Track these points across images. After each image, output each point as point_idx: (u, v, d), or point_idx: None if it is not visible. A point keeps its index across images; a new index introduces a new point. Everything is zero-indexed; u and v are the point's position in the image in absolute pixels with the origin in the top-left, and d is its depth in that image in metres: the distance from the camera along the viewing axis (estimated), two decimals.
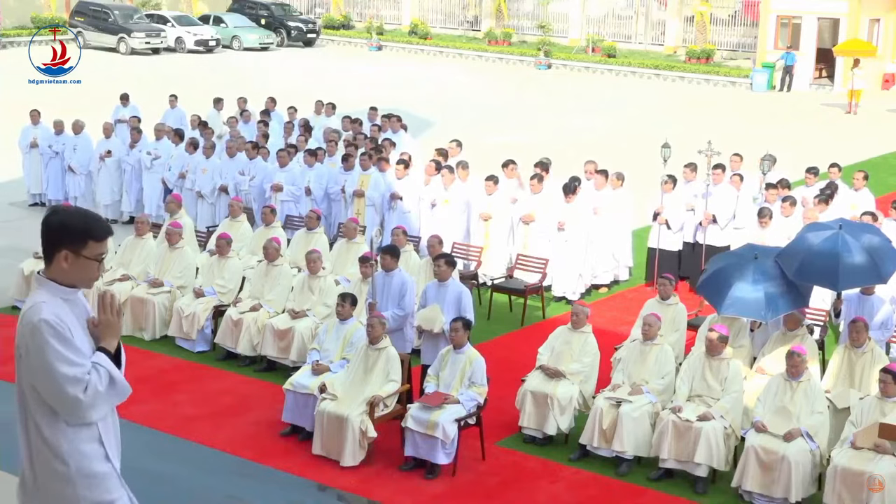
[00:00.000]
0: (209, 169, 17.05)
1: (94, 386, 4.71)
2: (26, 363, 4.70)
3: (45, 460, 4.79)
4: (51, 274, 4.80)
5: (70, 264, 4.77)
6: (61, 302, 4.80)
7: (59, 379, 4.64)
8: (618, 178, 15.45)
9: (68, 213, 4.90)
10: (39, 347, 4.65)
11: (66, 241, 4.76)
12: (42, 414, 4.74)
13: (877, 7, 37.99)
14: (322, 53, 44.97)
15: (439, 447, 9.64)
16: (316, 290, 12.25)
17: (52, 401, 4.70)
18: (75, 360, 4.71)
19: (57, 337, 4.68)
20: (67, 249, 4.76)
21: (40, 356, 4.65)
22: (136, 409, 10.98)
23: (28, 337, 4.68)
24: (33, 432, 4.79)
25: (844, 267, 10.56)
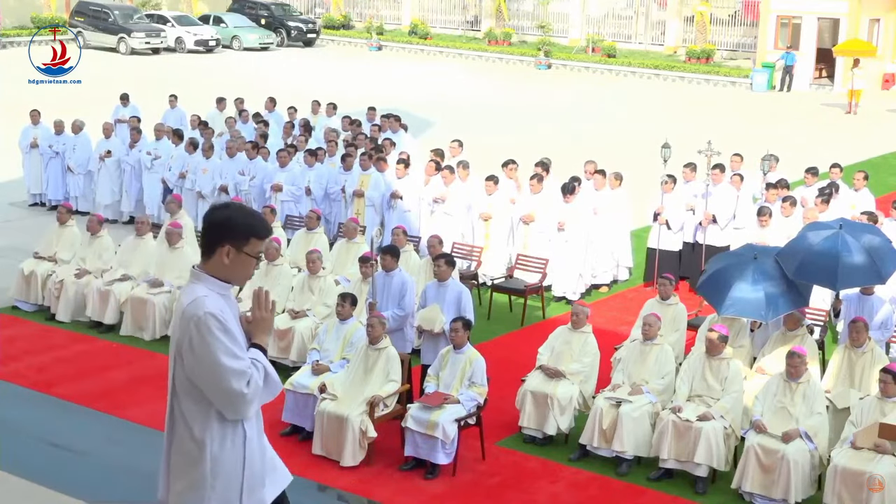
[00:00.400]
0: (209, 169, 17.05)
1: (255, 381, 4.72)
2: (189, 357, 4.67)
3: (187, 456, 4.79)
4: (209, 268, 4.82)
5: (231, 260, 4.80)
6: (218, 296, 4.81)
7: (225, 372, 4.63)
8: (616, 178, 15.46)
9: (234, 210, 4.92)
10: (205, 341, 4.63)
11: (229, 236, 4.78)
12: (194, 410, 4.73)
13: (877, 7, 38.00)
14: (322, 53, 44.97)
15: (439, 447, 9.64)
16: (316, 290, 12.25)
17: (215, 395, 4.68)
18: (240, 354, 4.71)
19: (222, 330, 4.69)
20: (230, 245, 4.78)
21: (206, 350, 4.63)
22: (137, 409, 11.01)
23: (193, 330, 4.65)
24: (180, 427, 4.78)
25: (843, 267, 10.56)
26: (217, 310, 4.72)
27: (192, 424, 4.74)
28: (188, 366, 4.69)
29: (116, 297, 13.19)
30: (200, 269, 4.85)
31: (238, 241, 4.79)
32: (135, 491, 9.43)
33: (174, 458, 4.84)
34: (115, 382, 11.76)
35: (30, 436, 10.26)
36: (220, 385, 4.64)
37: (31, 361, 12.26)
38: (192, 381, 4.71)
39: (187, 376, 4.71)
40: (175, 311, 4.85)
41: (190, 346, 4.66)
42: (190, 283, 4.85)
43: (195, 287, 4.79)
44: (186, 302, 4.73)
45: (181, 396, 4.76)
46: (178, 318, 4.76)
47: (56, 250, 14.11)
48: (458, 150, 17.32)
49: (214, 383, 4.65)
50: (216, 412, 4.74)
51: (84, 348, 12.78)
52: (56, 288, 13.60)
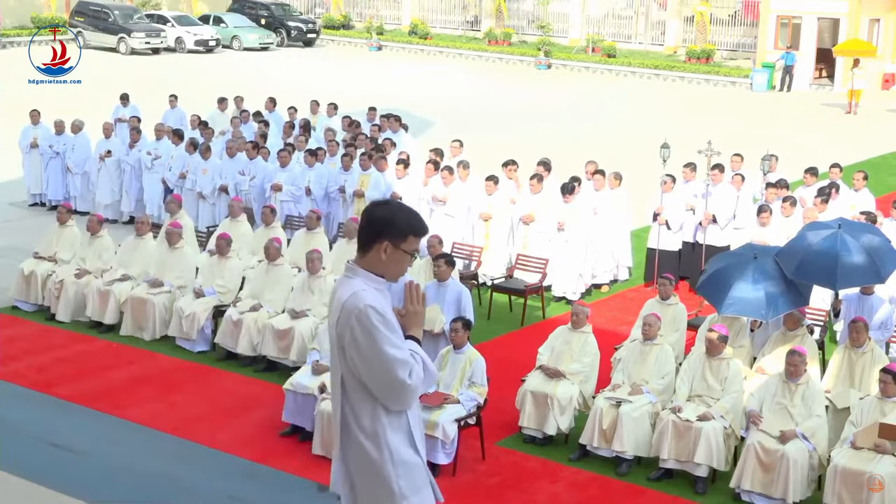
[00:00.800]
0: (209, 169, 17.05)
1: (417, 371, 4.78)
2: (352, 350, 4.72)
3: (362, 449, 4.83)
4: (364, 263, 4.88)
5: (388, 256, 4.86)
6: (375, 291, 4.84)
7: (390, 363, 4.69)
8: (616, 178, 15.47)
9: (395, 207, 5.01)
10: (368, 333, 4.69)
11: (388, 233, 4.85)
12: (361, 403, 4.78)
13: (877, 7, 38.00)
14: (322, 53, 44.98)
15: (439, 447, 9.63)
16: (316, 290, 12.24)
17: (379, 386, 4.74)
18: (401, 345, 4.78)
19: (384, 322, 4.74)
20: (389, 241, 4.85)
21: (370, 341, 4.69)
22: (136, 409, 11.02)
23: (354, 323, 4.71)
24: (350, 422, 4.82)
25: (843, 266, 10.56)
26: (376, 302, 4.78)
27: (361, 418, 4.81)
28: (350, 359, 4.76)
29: (116, 297, 13.19)
30: (356, 263, 4.92)
31: (397, 237, 4.87)
32: (135, 491, 9.44)
33: (350, 453, 4.88)
34: (115, 382, 11.76)
35: (30, 436, 10.26)
36: (385, 376, 4.71)
37: (31, 361, 12.26)
38: (355, 375, 4.77)
39: (350, 370, 4.78)
40: (332, 306, 4.88)
41: (352, 338, 4.73)
42: (346, 278, 4.92)
43: (352, 281, 4.86)
44: (346, 296, 4.79)
45: (348, 391, 4.83)
46: (338, 313, 4.81)
47: (56, 250, 14.11)
48: (458, 150, 17.32)
49: (379, 374, 4.72)
50: (381, 403, 4.81)
51: (84, 348, 12.79)
52: (56, 288, 13.61)
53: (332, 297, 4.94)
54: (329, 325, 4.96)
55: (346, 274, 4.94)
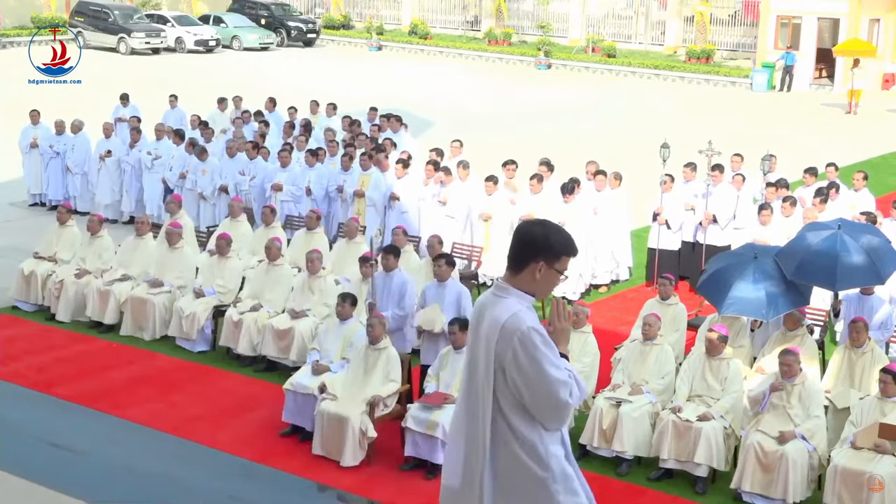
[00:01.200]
0: (209, 170, 17.05)
1: (575, 391, 4.85)
2: (513, 371, 4.76)
3: (524, 466, 4.85)
4: (517, 282, 4.91)
5: (542, 276, 4.89)
6: (528, 310, 4.89)
7: (553, 384, 4.75)
8: (616, 178, 15.47)
9: (550, 228, 5.02)
10: (532, 355, 4.74)
11: (545, 253, 4.89)
12: (521, 420, 4.82)
13: (877, 7, 38.00)
14: (322, 53, 44.98)
15: (439, 447, 9.62)
16: (316, 290, 12.24)
17: (541, 406, 4.79)
18: (560, 364, 4.83)
19: (546, 343, 4.80)
20: (544, 261, 4.88)
21: (533, 363, 4.74)
22: (136, 409, 11.02)
23: (517, 344, 4.76)
24: (510, 439, 4.84)
25: (842, 267, 10.56)
26: (537, 323, 4.84)
27: (521, 435, 4.85)
28: (511, 379, 4.79)
29: (116, 297, 13.19)
30: (506, 282, 4.95)
31: (552, 258, 4.90)
32: (135, 491, 9.44)
33: (507, 470, 4.89)
34: (115, 382, 11.76)
35: (30, 436, 10.26)
36: (548, 397, 4.77)
37: (31, 361, 12.26)
38: (514, 394, 4.80)
39: (509, 389, 4.81)
40: (483, 325, 4.88)
41: (514, 359, 4.76)
42: (497, 297, 4.93)
43: (506, 301, 4.88)
44: (504, 316, 4.82)
45: (505, 409, 4.85)
46: (496, 333, 4.81)
47: (56, 250, 14.11)
48: (458, 149, 17.32)
49: (542, 395, 4.77)
50: (539, 422, 4.87)
51: (84, 348, 12.79)
52: (56, 288, 13.60)
53: (481, 316, 4.94)
54: (473, 343, 4.97)
55: (495, 293, 4.97)
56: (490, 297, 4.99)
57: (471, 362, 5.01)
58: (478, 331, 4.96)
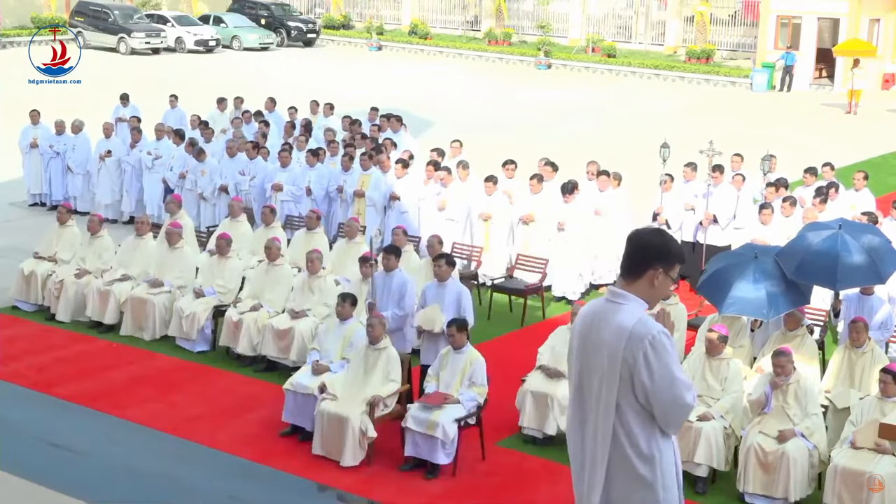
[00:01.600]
0: (207, 170, 17.05)
1: (695, 393, 4.96)
2: (643, 375, 4.82)
3: (635, 471, 4.92)
4: (633, 288, 4.99)
5: (658, 283, 4.98)
6: (648, 315, 4.96)
7: (681, 387, 4.84)
8: (615, 179, 15.46)
9: (666, 236, 5.15)
10: (663, 359, 4.82)
11: (663, 260, 4.98)
12: (640, 426, 4.90)
13: (877, 7, 37.99)
14: (322, 53, 44.98)
15: (439, 447, 9.64)
16: (316, 290, 12.24)
17: (666, 409, 4.85)
18: (683, 369, 4.91)
19: (673, 348, 4.90)
20: (662, 268, 4.96)
21: (663, 367, 4.82)
22: (136, 409, 11.02)
23: (647, 349, 4.82)
24: (625, 443, 4.89)
25: (843, 267, 10.56)
26: (663, 328, 4.92)
27: (639, 441, 4.91)
28: (640, 383, 4.84)
29: (116, 297, 13.19)
30: (623, 289, 5.00)
31: (669, 265, 4.99)
32: (135, 491, 9.44)
33: (620, 473, 4.94)
34: (115, 382, 11.76)
35: (30, 436, 10.26)
36: (677, 400, 4.85)
37: (31, 361, 12.26)
38: (639, 399, 4.86)
39: (634, 394, 4.86)
40: (608, 331, 4.92)
41: (646, 364, 4.82)
42: (617, 304, 4.98)
43: (629, 307, 4.94)
44: (630, 322, 4.87)
45: (626, 415, 4.89)
46: (623, 339, 4.85)
47: (56, 250, 14.11)
48: (458, 150, 17.32)
49: (671, 398, 4.84)
50: (658, 427, 4.91)
51: (84, 348, 12.78)
52: (56, 288, 13.60)
53: (596, 324, 4.98)
54: (586, 353, 5.02)
55: (612, 299, 5.01)
56: (605, 304, 5.04)
57: (583, 371, 5.05)
58: (594, 338, 4.99)
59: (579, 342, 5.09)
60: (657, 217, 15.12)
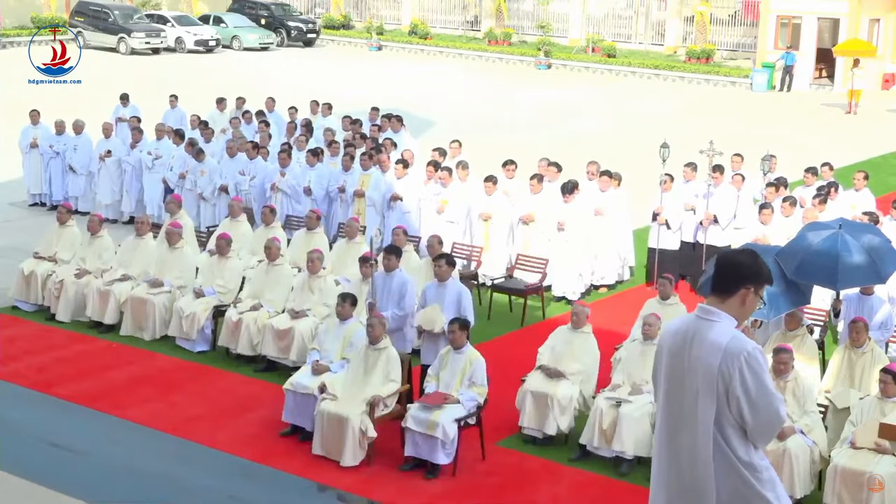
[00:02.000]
0: (207, 171, 17.05)
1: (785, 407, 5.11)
2: (740, 391, 4.93)
3: (742, 479, 5.03)
4: (724, 306, 5.08)
5: (748, 301, 5.08)
6: (740, 332, 5.08)
7: (776, 401, 4.99)
8: (615, 179, 15.46)
9: (756, 255, 5.22)
10: (759, 375, 4.95)
11: (754, 280, 5.08)
12: (738, 439, 5.01)
13: (877, 7, 37.99)
14: (322, 53, 44.97)
15: (439, 447, 9.64)
16: (316, 290, 12.24)
17: (762, 423, 4.98)
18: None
19: (766, 362, 5.05)
20: (753, 288, 5.07)
21: (759, 382, 4.94)
22: (136, 409, 11.02)
23: (744, 365, 4.93)
24: (729, 454, 5.01)
25: (843, 266, 10.56)
26: (756, 344, 5.05)
27: (739, 452, 5.02)
28: (736, 399, 4.95)
29: (116, 297, 13.19)
30: (714, 307, 5.09)
31: (759, 285, 5.11)
32: (135, 491, 9.44)
33: (728, 484, 5.04)
34: (115, 382, 11.76)
35: (30, 436, 10.26)
36: (771, 414, 4.98)
37: (31, 361, 12.26)
38: (734, 414, 4.98)
39: (730, 409, 4.97)
40: (702, 348, 5.01)
41: (742, 380, 4.93)
42: (709, 321, 5.07)
43: (721, 325, 5.03)
44: (724, 339, 4.97)
45: (726, 428, 5.00)
46: (717, 356, 4.95)
47: (56, 250, 14.10)
48: (457, 150, 17.31)
49: (766, 413, 4.97)
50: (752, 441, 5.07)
51: (84, 348, 12.78)
52: (56, 288, 13.60)
53: (688, 341, 5.07)
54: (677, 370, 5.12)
55: (703, 317, 5.10)
56: (696, 321, 5.12)
57: (673, 388, 5.14)
58: (688, 355, 5.07)
59: (669, 359, 5.18)
60: (657, 217, 15.12)
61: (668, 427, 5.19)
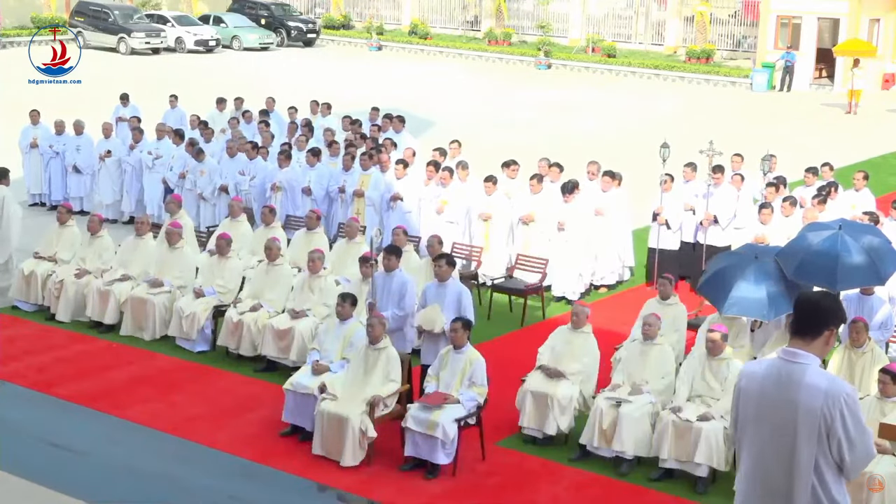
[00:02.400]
0: (206, 170, 17.05)
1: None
2: (841, 431, 5.13)
3: None
4: (810, 348, 5.25)
5: (831, 341, 5.31)
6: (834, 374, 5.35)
7: (869, 438, 5.22)
8: (615, 179, 15.46)
9: (838, 299, 5.59)
10: (857, 415, 5.17)
11: (836, 320, 5.32)
12: (834, 478, 5.20)
13: (877, 7, 37.98)
14: (322, 53, 44.97)
15: (439, 447, 9.64)
16: (316, 290, 12.24)
17: (859, 460, 5.21)
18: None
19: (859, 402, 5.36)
20: (834, 329, 5.30)
21: (857, 422, 5.17)
22: (136, 409, 11.02)
23: (844, 406, 5.13)
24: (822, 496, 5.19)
25: (843, 267, 10.56)
26: (851, 386, 5.31)
27: (832, 492, 5.20)
28: (836, 439, 5.14)
29: (116, 297, 13.19)
30: (802, 349, 5.24)
31: (838, 325, 5.35)
32: (135, 491, 9.44)
33: None
34: (115, 382, 11.76)
35: (30, 436, 10.26)
36: (867, 451, 5.23)
37: (31, 361, 12.26)
38: (833, 453, 5.16)
39: (829, 449, 5.15)
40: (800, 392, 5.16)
41: (843, 421, 5.13)
42: (801, 365, 5.22)
43: (813, 368, 5.21)
44: (823, 382, 5.16)
45: (822, 467, 5.18)
46: (819, 398, 5.11)
47: (56, 250, 14.11)
48: (457, 150, 17.31)
49: (863, 451, 5.20)
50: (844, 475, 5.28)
51: (84, 348, 12.78)
52: (56, 288, 13.60)
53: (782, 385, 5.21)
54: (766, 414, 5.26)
55: (792, 360, 5.24)
56: (784, 364, 5.26)
57: (762, 430, 5.28)
58: (782, 398, 5.22)
59: (758, 401, 5.31)
60: (657, 217, 15.13)
61: (760, 470, 5.32)
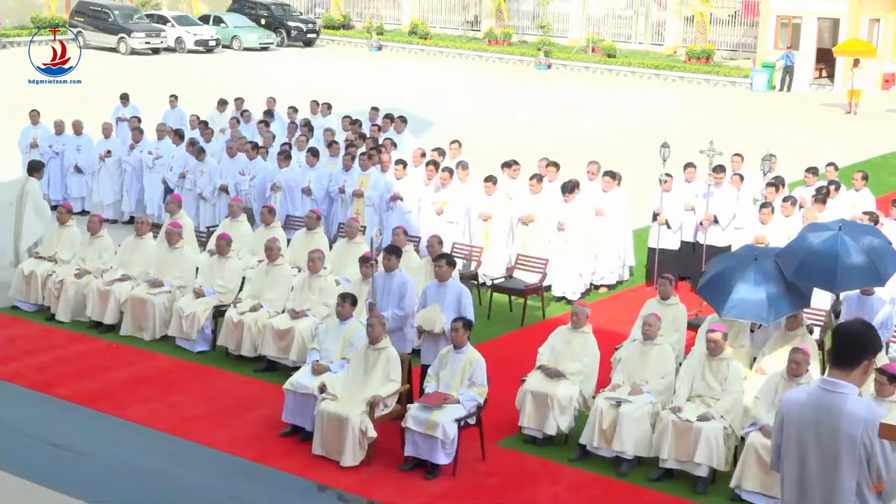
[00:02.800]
0: (206, 171, 17.05)
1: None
2: (881, 458, 5.31)
3: None
4: (849, 378, 5.38)
5: (869, 370, 5.46)
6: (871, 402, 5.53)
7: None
8: (614, 178, 15.45)
9: (873, 328, 5.62)
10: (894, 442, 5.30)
11: (874, 350, 5.44)
12: (874, 501, 5.40)
13: (877, 7, 37.99)
14: (322, 53, 44.96)
15: (439, 447, 9.64)
16: (316, 290, 12.24)
17: (894, 479, 5.38)
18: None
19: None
20: (872, 358, 5.43)
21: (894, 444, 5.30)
22: (137, 409, 11.02)
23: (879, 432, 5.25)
24: None
25: (843, 268, 10.55)
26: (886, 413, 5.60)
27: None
28: (875, 465, 5.33)
29: (116, 297, 13.19)
30: (842, 380, 5.36)
31: (876, 354, 5.48)
32: (135, 491, 9.45)
33: None
34: (115, 382, 11.76)
35: (30, 436, 10.27)
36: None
37: (31, 361, 12.26)
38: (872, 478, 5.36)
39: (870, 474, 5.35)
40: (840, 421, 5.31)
41: (882, 447, 5.31)
42: (841, 395, 5.35)
43: (853, 397, 5.36)
44: (862, 411, 5.32)
45: (865, 492, 5.38)
46: (859, 427, 5.27)
47: (56, 250, 14.11)
48: (457, 150, 17.31)
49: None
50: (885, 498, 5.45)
51: (84, 348, 12.79)
52: (56, 288, 13.60)
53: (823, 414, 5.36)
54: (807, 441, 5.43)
55: (833, 390, 5.37)
56: (826, 394, 5.39)
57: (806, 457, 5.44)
58: (824, 427, 5.37)
59: (799, 428, 5.46)
60: (657, 217, 15.12)
61: (804, 495, 5.49)
